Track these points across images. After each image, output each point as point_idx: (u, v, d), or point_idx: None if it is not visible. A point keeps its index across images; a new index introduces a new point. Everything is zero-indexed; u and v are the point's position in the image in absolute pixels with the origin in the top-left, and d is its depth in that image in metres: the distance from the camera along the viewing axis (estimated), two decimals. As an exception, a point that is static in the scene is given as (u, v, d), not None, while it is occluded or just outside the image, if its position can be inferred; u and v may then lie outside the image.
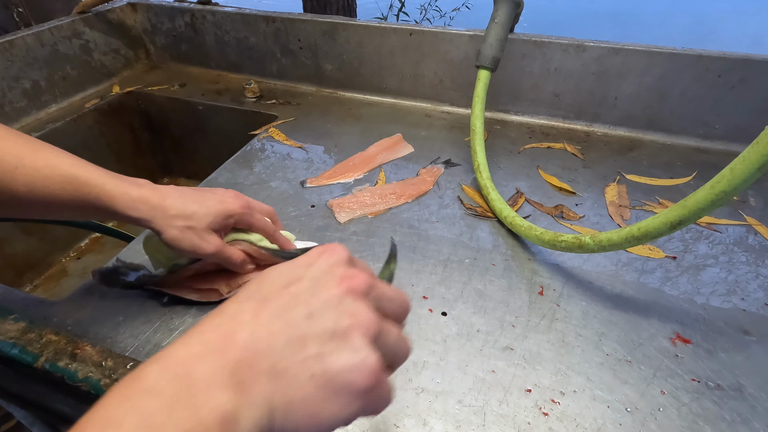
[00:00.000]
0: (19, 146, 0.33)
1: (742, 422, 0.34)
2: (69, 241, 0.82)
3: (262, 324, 0.20)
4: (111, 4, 0.88)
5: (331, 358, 0.19)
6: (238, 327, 0.19)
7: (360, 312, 0.20)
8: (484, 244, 0.50)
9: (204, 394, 0.17)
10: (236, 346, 0.19)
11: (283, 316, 0.20)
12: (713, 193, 0.32)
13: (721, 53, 0.61)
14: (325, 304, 0.20)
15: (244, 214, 0.40)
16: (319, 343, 0.19)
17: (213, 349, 0.18)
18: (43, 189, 0.33)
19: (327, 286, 0.21)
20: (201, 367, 0.18)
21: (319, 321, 0.20)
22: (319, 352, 0.19)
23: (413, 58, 0.75)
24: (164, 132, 0.91)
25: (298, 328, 0.20)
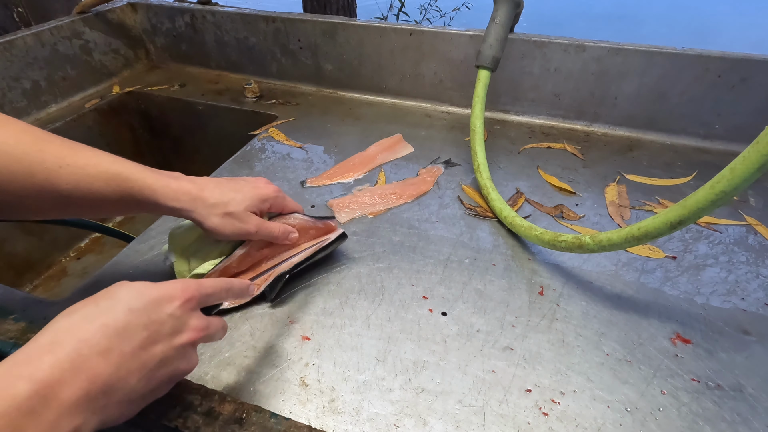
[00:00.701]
0: (60, 147, 0.34)
1: (742, 422, 0.34)
2: (69, 241, 0.82)
3: (122, 364, 0.25)
4: (111, 4, 0.88)
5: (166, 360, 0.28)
6: (100, 362, 0.24)
7: (190, 325, 0.29)
8: (484, 244, 0.50)
9: (68, 417, 0.22)
10: (100, 380, 0.24)
11: (141, 359, 0.26)
12: (713, 193, 0.32)
13: (721, 53, 0.61)
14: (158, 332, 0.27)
15: (278, 198, 0.43)
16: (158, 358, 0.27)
17: (75, 376, 0.23)
18: (88, 186, 0.34)
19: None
20: (68, 390, 0.22)
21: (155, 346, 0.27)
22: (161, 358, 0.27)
23: (413, 58, 0.75)
24: (164, 132, 0.91)
25: (149, 370, 0.27)
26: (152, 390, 0.27)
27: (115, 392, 0.24)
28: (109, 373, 0.23)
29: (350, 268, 0.47)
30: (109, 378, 0.23)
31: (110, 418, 0.24)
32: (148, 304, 0.26)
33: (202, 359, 0.38)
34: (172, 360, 0.27)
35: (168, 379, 0.28)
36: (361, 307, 0.43)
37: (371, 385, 0.36)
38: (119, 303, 0.26)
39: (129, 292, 0.26)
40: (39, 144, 0.33)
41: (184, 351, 0.28)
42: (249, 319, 0.41)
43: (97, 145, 0.37)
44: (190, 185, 0.38)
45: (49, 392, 0.21)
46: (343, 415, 0.34)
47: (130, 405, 0.26)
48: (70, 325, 0.24)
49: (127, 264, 0.47)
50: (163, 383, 0.28)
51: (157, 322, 0.26)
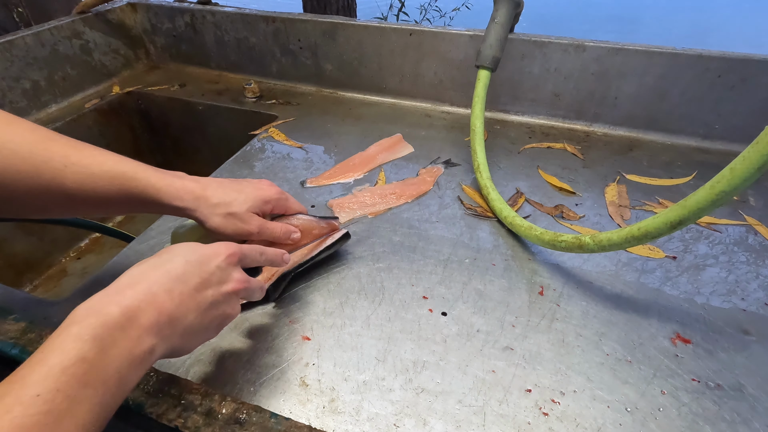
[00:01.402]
0: (65, 146, 0.34)
1: (742, 422, 0.34)
2: (69, 241, 0.82)
3: (182, 303, 0.29)
4: (111, 4, 0.88)
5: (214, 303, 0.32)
6: (167, 299, 0.28)
7: (233, 277, 0.33)
8: (484, 244, 0.50)
9: (146, 335, 0.26)
10: (165, 313, 0.28)
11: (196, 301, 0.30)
12: (713, 193, 0.32)
13: (721, 53, 0.61)
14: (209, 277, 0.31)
15: (280, 200, 0.43)
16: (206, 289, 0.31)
17: (151, 308, 0.27)
18: (92, 185, 0.35)
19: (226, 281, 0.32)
20: (144, 317, 0.27)
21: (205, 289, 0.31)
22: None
23: (413, 58, 0.75)
24: (164, 132, 0.91)
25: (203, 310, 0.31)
26: (205, 328, 0.31)
27: (177, 324, 0.28)
28: (173, 307, 0.28)
29: (350, 268, 0.47)
30: (172, 311, 0.28)
31: (174, 348, 0.29)
32: (201, 257, 0.31)
33: (201, 359, 0.38)
34: (219, 304, 0.31)
35: (218, 322, 0.32)
36: (361, 307, 0.43)
37: (371, 385, 0.36)
38: (177, 256, 0.30)
39: (185, 248, 0.31)
40: (45, 143, 0.34)
41: (229, 298, 0.32)
42: (249, 319, 0.41)
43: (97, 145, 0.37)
44: (194, 184, 0.38)
45: (132, 315, 0.26)
46: (343, 415, 0.34)
47: (188, 339, 0.30)
48: (142, 271, 0.29)
49: (127, 264, 0.47)
50: (213, 325, 0.32)
51: (207, 271, 0.31)
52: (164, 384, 0.35)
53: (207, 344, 0.39)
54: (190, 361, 0.38)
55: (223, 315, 0.32)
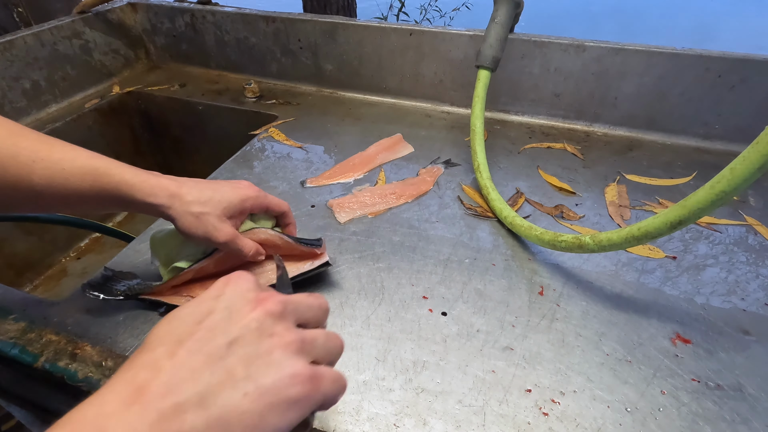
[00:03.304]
0: (34, 142, 0.33)
1: (742, 422, 0.34)
2: (69, 241, 0.82)
3: (180, 365, 0.19)
4: (111, 4, 0.88)
5: (259, 376, 0.20)
6: (154, 374, 0.19)
7: (278, 331, 0.22)
8: (484, 244, 0.50)
9: None
10: (154, 394, 0.18)
11: (203, 350, 0.20)
12: (713, 193, 0.32)
13: (721, 53, 0.61)
14: (243, 329, 0.21)
15: (259, 197, 0.41)
16: (246, 366, 0.20)
17: (128, 404, 0.18)
18: (63, 181, 0.33)
19: (242, 312, 0.22)
20: (116, 422, 0.17)
21: (241, 346, 0.21)
22: (248, 374, 0.20)
23: (413, 58, 0.75)
24: (164, 132, 0.91)
25: (220, 357, 0.20)
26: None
27: (182, 398, 0.19)
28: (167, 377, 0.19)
29: (350, 268, 0.47)
30: (168, 382, 0.19)
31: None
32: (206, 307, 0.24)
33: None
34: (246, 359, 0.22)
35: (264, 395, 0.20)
36: (361, 307, 0.43)
37: (371, 385, 0.36)
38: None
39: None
40: (12, 138, 0.32)
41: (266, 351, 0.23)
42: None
43: (97, 144, 0.37)
44: (169, 182, 0.37)
45: (93, 428, 0.18)
46: (343, 415, 0.34)
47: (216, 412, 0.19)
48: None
49: (127, 264, 0.47)
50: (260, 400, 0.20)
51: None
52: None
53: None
54: (190, 361, 0.38)
55: (269, 367, 0.21)
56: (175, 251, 0.42)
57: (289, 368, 0.21)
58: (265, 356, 0.21)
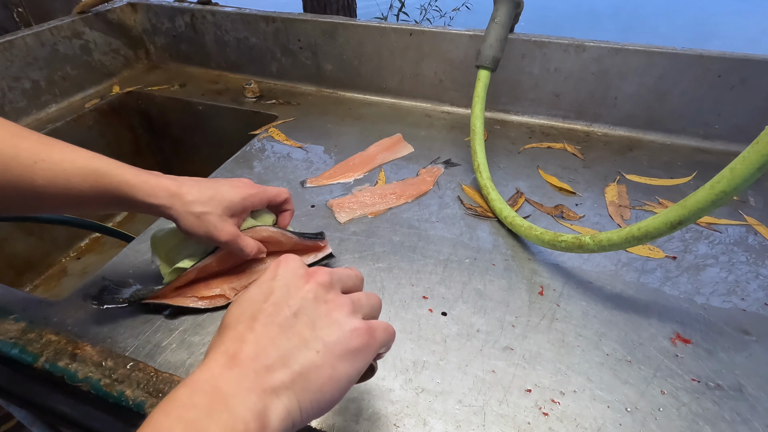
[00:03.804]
0: (35, 143, 0.33)
1: (742, 422, 0.34)
2: (69, 241, 0.82)
3: (260, 335, 0.23)
4: (111, 4, 0.88)
5: (325, 334, 0.24)
6: (242, 344, 0.23)
7: (331, 298, 0.26)
8: (484, 244, 0.50)
9: (234, 400, 0.21)
10: (246, 359, 0.22)
11: (275, 322, 0.24)
12: (713, 193, 0.32)
13: (721, 53, 0.61)
14: (302, 300, 0.25)
15: (258, 193, 0.41)
16: (312, 329, 0.24)
17: (228, 367, 0.22)
18: (64, 182, 0.33)
19: (298, 286, 0.26)
20: (224, 381, 0.21)
21: (304, 314, 0.25)
22: (314, 335, 0.24)
23: (413, 58, 0.75)
24: (164, 132, 0.91)
25: (290, 326, 0.24)
26: (306, 343, 0.24)
27: (269, 360, 0.23)
28: (253, 344, 0.23)
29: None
30: (255, 349, 0.23)
31: (300, 395, 0.23)
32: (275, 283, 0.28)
33: (201, 359, 0.38)
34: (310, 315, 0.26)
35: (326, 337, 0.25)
36: (361, 307, 0.42)
37: (371, 385, 0.36)
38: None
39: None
40: (13, 139, 0.32)
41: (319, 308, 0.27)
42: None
43: (97, 144, 0.37)
44: (169, 182, 0.37)
45: (207, 387, 0.21)
46: (343, 415, 0.34)
47: (297, 366, 0.23)
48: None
49: (127, 264, 0.47)
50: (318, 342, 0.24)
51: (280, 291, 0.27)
52: (164, 384, 0.35)
53: (206, 344, 0.39)
54: (191, 361, 0.38)
55: (330, 326, 0.25)
56: (176, 250, 0.42)
57: (348, 325, 0.25)
58: (326, 318, 0.25)
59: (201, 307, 0.41)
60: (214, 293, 0.42)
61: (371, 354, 0.25)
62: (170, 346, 0.39)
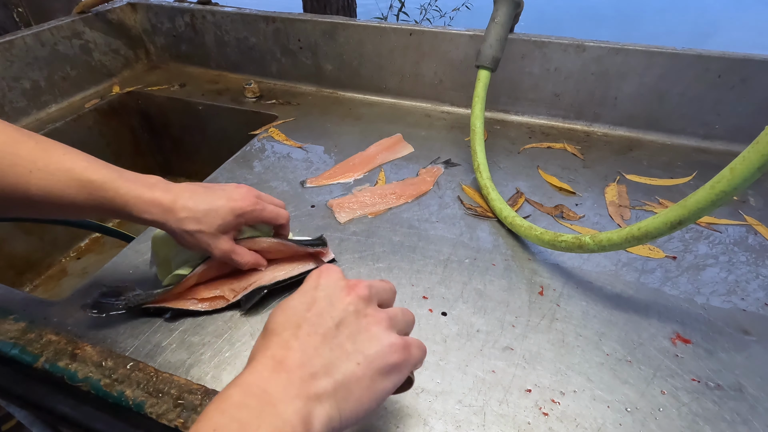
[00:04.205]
0: (32, 149, 0.33)
1: (742, 422, 0.34)
2: (69, 241, 0.82)
3: (305, 344, 0.25)
4: (111, 4, 0.88)
5: (366, 348, 0.25)
6: (288, 352, 0.24)
7: (370, 312, 0.27)
8: (484, 244, 0.50)
9: (282, 404, 0.22)
10: (293, 365, 0.24)
11: (318, 332, 0.25)
12: (713, 193, 0.32)
13: (721, 53, 0.61)
14: (344, 312, 0.26)
15: (254, 211, 0.40)
16: (353, 342, 0.25)
17: (276, 372, 0.23)
18: (59, 193, 0.33)
19: (339, 298, 0.27)
20: (273, 385, 0.23)
21: (345, 326, 0.26)
22: (356, 347, 0.25)
23: (413, 58, 0.75)
24: (164, 132, 0.91)
25: (333, 336, 0.25)
26: (349, 356, 0.25)
27: (314, 368, 0.24)
28: (299, 352, 0.25)
29: (350, 269, 0.47)
30: (300, 357, 0.24)
31: (339, 402, 0.24)
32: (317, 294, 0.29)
33: (201, 360, 0.38)
34: (353, 330, 0.27)
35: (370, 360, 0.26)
36: (361, 307, 0.42)
37: (371, 385, 0.36)
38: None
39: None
40: (12, 146, 0.32)
41: (365, 325, 0.28)
42: (249, 319, 0.41)
43: (97, 144, 0.37)
44: (164, 196, 0.36)
45: (257, 389, 0.23)
46: (343, 415, 0.34)
47: (338, 377, 0.24)
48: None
49: (127, 264, 0.47)
50: (360, 358, 0.26)
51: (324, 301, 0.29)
52: (164, 384, 0.35)
53: (206, 344, 0.39)
54: (190, 361, 0.38)
55: (371, 341, 0.26)
56: (174, 252, 0.42)
57: (386, 340, 0.26)
58: (366, 332, 0.26)
59: (201, 310, 0.41)
60: (213, 294, 0.42)
61: (407, 369, 0.27)
62: (170, 346, 0.39)
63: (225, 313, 0.42)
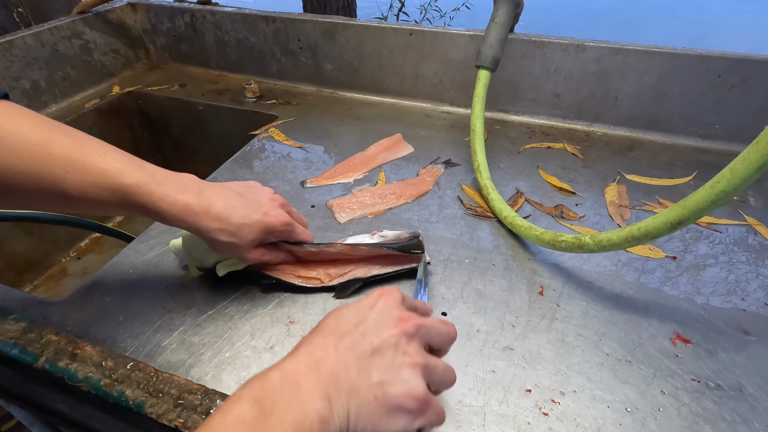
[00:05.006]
0: (67, 148, 0.33)
1: (742, 422, 0.34)
2: (69, 241, 0.82)
3: (340, 355, 0.26)
4: (111, 4, 0.88)
5: (388, 385, 0.26)
6: (325, 356, 0.26)
7: (410, 351, 0.27)
8: (484, 244, 0.50)
9: (308, 399, 0.24)
10: (325, 370, 0.25)
11: (355, 350, 0.27)
12: (713, 193, 0.32)
13: (721, 53, 0.61)
14: (384, 342, 0.27)
15: (284, 232, 0.41)
16: (380, 373, 0.26)
17: (311, 369, 0.25)
18: (94, 195, 0.34)
19: (386, 327, 0.28)
20: (305, 379, 0.25)
21: (380, 356, 0.27)
22: (380, 380, 0.26)
23: (413, 58, 0.75)
24: (164, 132, 0.91)
25: (365, 360, 0.26)
26: (374, 390, 0.26)
27: (340, 381, 0.25)
28: (332, 362, 0.26)
29: (350, 268, 0.47)
30: (332, 366, 0.26)
31: (352, 418, 0.25)
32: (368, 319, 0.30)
33: (201, 359, 0.38)
34: (389, 367, 0.28)
35: (393, 391, 0.26)
36: (361, 307, 0.42)
37: (371, 385, 0.36)
38: (341, 317, 0.29)
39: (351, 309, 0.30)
40: (47, 146, 0.32)
41: (400, 366, 0.28)
42: (249, 319, 0.41)
43: (97, 145, 0.36)
44: (196, 201, 0.36)
45: (291, 378, 0.25)
46: (343, 415, 0.34)
47: (362, 406, 0.25)
48: (309, 338, 0.28)
49: (127, 264, 0.47)
50: (387, 391, 0.26)
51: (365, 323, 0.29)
52: (164, 384, 0.35)
53: (206, 344, 0.39)
54: (191, 361, 0.38)
55: (396, 381, 0.26)
56: (205, 250, 0.43)
57: (411, 386, 0.26)
58: (396, 370, 0.26)
59: (298, 284, 0.43)
60: (311, 275, 0.44)
61: (414, 424, 0.26)
62: (170, 346, 0.39)
63: (225, 313, 0.42)
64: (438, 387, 0.29)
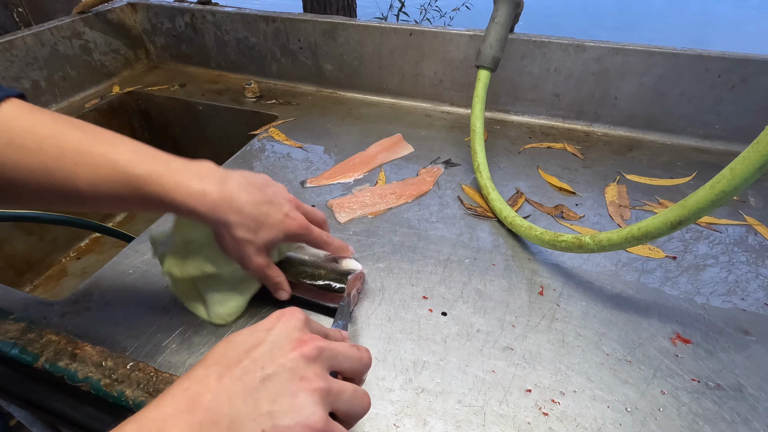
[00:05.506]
0: (79, 140, 0.32)
1: (742, 422, 0.34)
2: (69, 241, 0.82)
3: (223, 387, 0.23)
4: (111, 4, 0.88)
5: (279, 416, 0.22)
6: (204, 391, 0.23)
7: (309, 375, 0.24)
8: (484, 244, 0.50)
9: None
10: (201, 408, 0.22)
11: (243, 379, 0.23)
12: (713, 193, 0.32)
13: (721, 53, 0.61)
14: (279, 367, 0.24)
15: (302, 236, 0.38)
16: (271, 402, 0.23)
17: (182, 411, 0.22)
18: (106, 188, 0.32)
19: (283, 351, 0.24)
20: (171, 426, 0.21)
21: (272, 383, 0.23)
22: (270, 410, 0.22)
23: (413, 58, 0.75)
24: (164, 132, 0.91)
25: (254, 389, 0.23)
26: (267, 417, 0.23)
27: (219, 417, 0.22)
28: (209, 398, 0.23)
29: (350, 268, 0.47)
30: (212, 401, 0.22)
31: None
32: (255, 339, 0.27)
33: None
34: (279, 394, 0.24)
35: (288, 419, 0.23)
36: (361, 307, 0.43)
37: (371, 385, 0.36)
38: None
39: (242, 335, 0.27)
40: (57, 138, 0.31)
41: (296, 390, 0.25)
42: (249, 319, 0.41)
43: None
44: (216, 189, 0.33)
45: (153, 429, 0.22)
46: (343, 415, 0.34)
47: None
48: None
49: (127, 264, 0.47)
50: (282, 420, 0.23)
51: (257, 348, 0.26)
52: (164, 384, 0.35)
53: (207, 344, 0.39)
54: (191, 361, 0.38)
55: (289, 410, 0.23)
56: (201, 241, 0.38)
57: (306, 413, 0.23)
58: (290, 397, 0.23)
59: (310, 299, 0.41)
60: None
61: None
62: (170, 346, 0.39)
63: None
64: (347, 414, 0.25)
